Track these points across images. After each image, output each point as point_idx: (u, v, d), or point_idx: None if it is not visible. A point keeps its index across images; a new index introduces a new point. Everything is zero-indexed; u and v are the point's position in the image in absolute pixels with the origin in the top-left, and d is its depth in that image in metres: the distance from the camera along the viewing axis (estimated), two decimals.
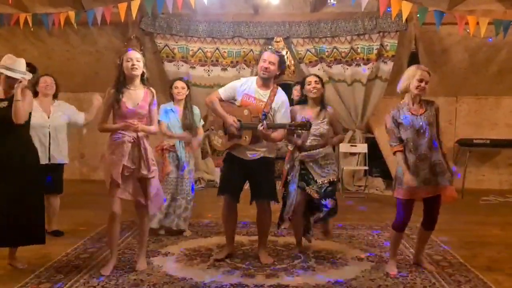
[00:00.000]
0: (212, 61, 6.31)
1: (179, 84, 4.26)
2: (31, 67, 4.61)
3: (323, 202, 3.63)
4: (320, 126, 3.63)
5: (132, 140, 3.15)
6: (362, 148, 7.02)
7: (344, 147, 6.79)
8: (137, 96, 3.21)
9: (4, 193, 3.16)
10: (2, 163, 3.17)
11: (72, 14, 5.18)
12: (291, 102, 4.52)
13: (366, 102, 6.48)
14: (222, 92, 3.60)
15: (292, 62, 6.76)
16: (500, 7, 5.79)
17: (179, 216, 4.29)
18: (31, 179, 3.28)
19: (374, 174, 7.49)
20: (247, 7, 5.43)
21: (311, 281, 3.26)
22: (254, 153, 3.52)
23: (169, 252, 3.85)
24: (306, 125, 3.32)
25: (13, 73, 3.19)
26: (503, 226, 4.95)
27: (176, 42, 6.30)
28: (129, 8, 4.84)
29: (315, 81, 3.67)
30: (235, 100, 3.56)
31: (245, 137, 3.44)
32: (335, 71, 6.26)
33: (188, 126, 4.19)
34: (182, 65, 6.40)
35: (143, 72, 3.22)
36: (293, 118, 3.63)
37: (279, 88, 3.60)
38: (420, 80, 3.21)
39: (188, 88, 4.36)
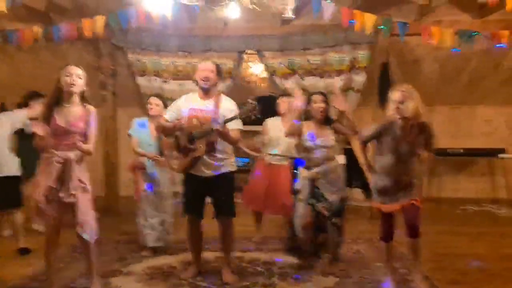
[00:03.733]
0: (184, 75, 6.28)
1: (153, 100, 4.26)
2: None
3: (333, 220, 3.60)
4: (327, 140, 3.67)
5: (62, 161, 3.00)
6: (340, 159, 6.98)
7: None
8: (71, 113, 3.05)
9: None
10: None
11: (38, 30, 5.12)
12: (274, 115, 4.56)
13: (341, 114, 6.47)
14: (168, 114, 3.58)
15: (266, 75, 6.75)
16: (467, 18, 5.84)
17: (168, 233, 4.29)
18: None
19: (354, 185, 7.48)
20: (217, 20, 5.41)
21: None
22: (213, 169, 3.47)
23: (130, 272, 3.76)
24: (255, 108, 3.29)
25: None
26: (476, 237, 4.94)
27: (148, 57, 6.26)
28: (94, 24, 4.79)
29: (323, 100, 3.71)
30: (181, 118, 3.51)
31: (200, 146, 3.38)
32: (309, 83, 6.25)
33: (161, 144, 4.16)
34: (155, 79, 6.35)
35: (83, 89, 3.09)
36: (302, 132, 3.68)
37: (222, 95, 3.59)
38: (395, 101, 3.16)
39: (165, 106, 4.31)
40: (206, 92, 3.48)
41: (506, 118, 7.21)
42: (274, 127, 4.57)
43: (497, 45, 5.04)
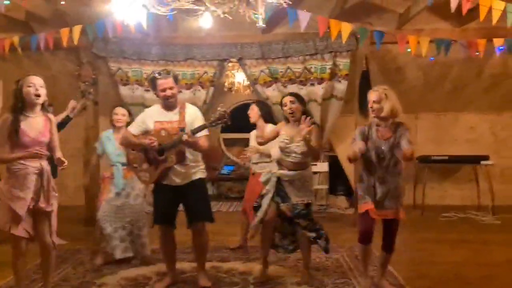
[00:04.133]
0: None
1: (119, 110, 4.21)
2: None
3: (297, 220, 3.56)
4: (301, 144, 3.52)
5: (37, 171, 3.00)
6: (323, 167, 7.01)
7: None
8: (37, 123, 3.05)
9: None
10: None
11: (16, 39, 5.11)
12: (247, 123, 4.53)
13: (323, 121, 6.47)
14: (133, 128, 3.58)
15: (247, 82, 6.76)
16: (447, 26, 5.88)
17: (131, 244, 4.23)
18: None
19: (338, 193, 7.48)
20: (198, 29, 5.41)
21: None
22: (184, 177, 3.47)
23: (103, 283, 3.71)
24: (224, 116, 3.30)
25: None
26: (457, 244, 4.93)
27: (130, 66, 6.25)
28: (71, 33, 4.78)
29: (291, 101, 3.59)
30: (148, 131, 3.51)
31: (171, 157, 3.38)
32: (290, 91, 6.24)
33: None
34: (137, 88, 6.33)
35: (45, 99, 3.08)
36: (277, 133, 3.65)
37: (187, 103, 3.62)
38: (371, 102, 3.20)
39: (130, 114, 4.30)
40: (169, 105, 3.50)
41: (490, 124, 7.23)
42: (253, 138, 4.56)
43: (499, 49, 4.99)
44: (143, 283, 3.72)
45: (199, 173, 3.55)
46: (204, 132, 3.44)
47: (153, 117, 3.52)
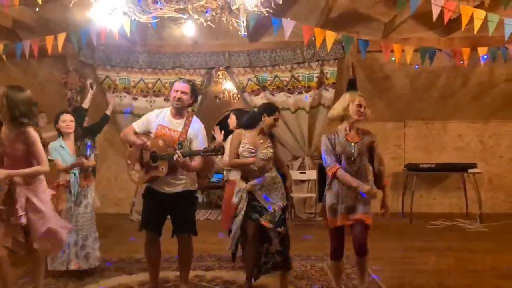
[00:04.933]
0: (154, 91, 6.27)
1: (67, 117, 4.05)
2: None
3: (278, 229, 3.53)
4: (267, 150, 3.60)
5: (6, 184, 2.98)
6: (311, 175, 7.00)
7: (293, 174, 6.74)
8: (8, 137, 3.00)
9: None
10: None
11: (0, 46, 5.09)
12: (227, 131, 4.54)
13: (311, 129, 6.50)
14: (136, 125, 3.56)
15: (235, 91, 6.78)
16: (433, 35, 5.92)
17: (81, 254, 4.04)
18: None
19: None
20: (186, 38, 5.43)
21: None
22: (173, 186, 3.45)
23: None
24: (219, 150, 3.29)
25: None
26: (442, 252, 4.92)
27: (117, 73, 6.25)
28: (55, 40, 4.78)
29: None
30: (150, 132, 3.51)
31: (162, 168, 3.37)
32: (279, 99, 6.27)
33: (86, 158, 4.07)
34: (125, 96, 6.34)
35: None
36: (239, 142, 3.62)
37: (195, 117, 3.58)
38: (359, 105, 3.25)
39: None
40: (177, 111, 3.48)
41: (478, 133, 7.27)
42: (228, 142, 4.58)
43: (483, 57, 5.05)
44: None
45: (189, 184, 3.53)
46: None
47: (158, 119, 3.50)
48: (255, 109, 4.05)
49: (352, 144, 3.26)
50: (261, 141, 3.63)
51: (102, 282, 3.93)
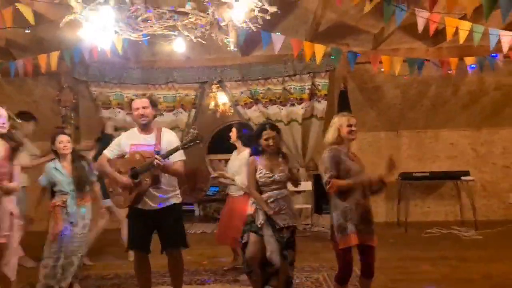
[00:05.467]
0: None
1: (64, 138, 4.03)
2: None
3: (284, 253, 3.52)
4: (283, 173, 3.59)
5: None
6: (307, 186, 7.02)
7: (288, 186, 6.77)
8: None
9: None
10: None
11: None
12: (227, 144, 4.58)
13: (305, 140, 6.54)
14: (108, 152, 3.59)
15: (229, 104, 6.84)
16: (421, 46, 6.01)
17: (70, 275, 3.97)
18: None
19: (324, 211, 7.48)
20: (178, 53, 5.49)
21: None
22: (158, 201, 3.47)
23: None
24: (197, 138, 3.31)
25: None
26: (436, 261, 4.94)
27: (111, 89, 6.30)
28: (49, 58, 4.84)
29: (273, 137, 3.58)
30: (124, 154, 3.54)
31: (145, 180, 3.39)
32: (272, 112, 6.33)
33: (81, 180, 4.02)
34: (119, 112, 6.38)
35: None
36: (255, 169, 3.59)
37: (163, 128, 3.65)
38: (349, 125, 3.30)
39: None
40: (145, 127, 3.53)
41: (470, 140, 7.33)
42: (232, 158, 4.62)
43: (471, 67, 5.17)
44: None
45: (174, 198, 3.56)
46: (180, 157, 3.46)
47: (129, 139, 3.54)
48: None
49: (354, 162, 3.28)
50: (274, 163, 3.59)
51: None
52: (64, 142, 4.02)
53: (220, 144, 8.02)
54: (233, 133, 4.55)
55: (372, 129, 7.28)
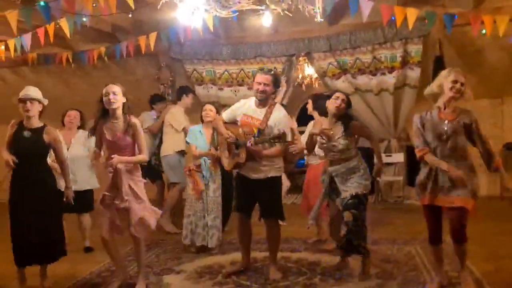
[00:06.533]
0: (238, 81, 6.54)
1: (207, 106, 4.58)
2: None
3: (344, 213, 3.60)
4: (338, 143, 3.60)
5: (111, 171, 3.34)
6: (398, 157, 6.81)
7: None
8: (116, 128, 3.35)
9: (30, 216, 3.39)
10: (28, 190, 3.40)
11: (102, 49, 5.67)
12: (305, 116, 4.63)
13: (397, 111, 6.32)
14: (225, 115, 3.84)
15: (316, 76, 6.80)
16: None
17: (207, 234, 4.49)
18: (50, 203, 3.49)
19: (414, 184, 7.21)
20: (266, 27, 5.57)
21: None
22: (258, 173, 3.65)
23: (182, 270, 4.02)
24: (281, 137, 3.40)
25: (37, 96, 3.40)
26: None
27: (203, 66, 6.61)
28: (148, 39, 5.21)
29: (343, 99, 3.64)
30: (237, 121, 3.74)
31: (242, 155, 3.58)
32: (361, 82, 6.20)
33: (216, 148, 4.41)
34: (211, 87, 6.68)
35: (124, 103, 3.35)
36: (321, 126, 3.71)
37: (277, 105, 3.72)
38: (454, 81, 3.05)
39: (217, 111, 4.61)
40: (261, 102, 3.66)
41: None
42: (309, 127, 4.65)
43: None
44: (217, 271, 3.96)
45: (273, 171, 3.67)
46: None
47: (243, 108, 3.73)
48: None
49: (446, 121, 3.08)
50: (332, 132, 3.60)
51: (197, 261, 4.25)
52: (206, 110, 4.51)
53: (310, 116, 8.02)
54: (309, 105, 4.59)
55: (473, 97, 6.75)
